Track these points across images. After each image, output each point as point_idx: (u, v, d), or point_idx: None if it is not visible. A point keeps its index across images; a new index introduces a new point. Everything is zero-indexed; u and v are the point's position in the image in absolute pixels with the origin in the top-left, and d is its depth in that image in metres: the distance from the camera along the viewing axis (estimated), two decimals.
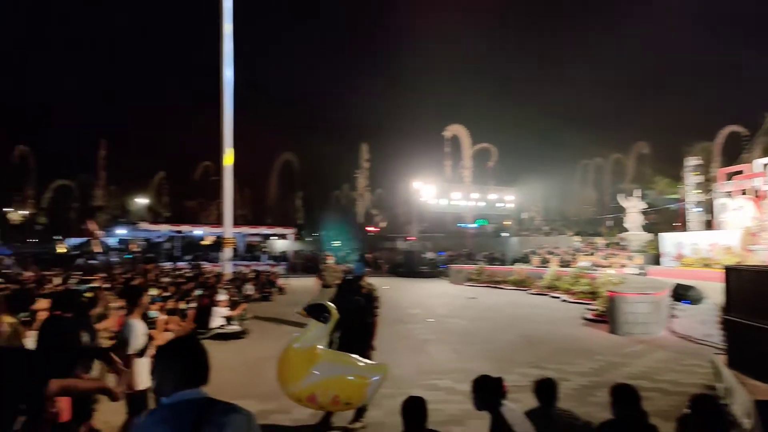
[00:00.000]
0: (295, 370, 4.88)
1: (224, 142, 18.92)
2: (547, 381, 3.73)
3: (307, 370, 4.82)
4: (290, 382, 4.88)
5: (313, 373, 4.81)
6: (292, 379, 4.88)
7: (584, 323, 12.30)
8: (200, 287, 14.07)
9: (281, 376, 4.98)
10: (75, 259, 26.49)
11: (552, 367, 7.82)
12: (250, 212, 52.72)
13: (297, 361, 4.91)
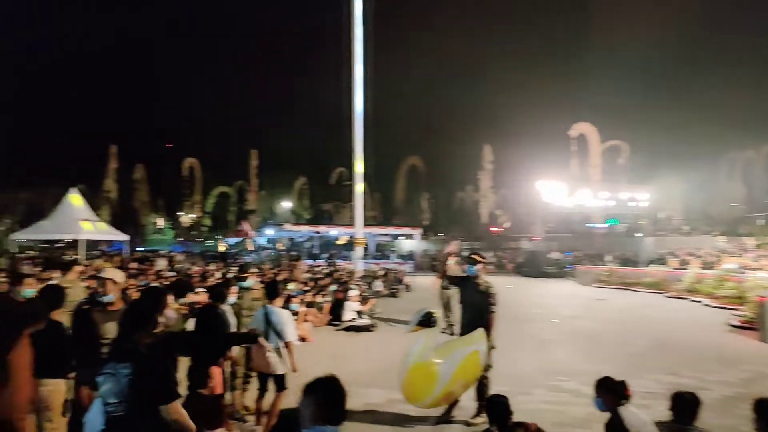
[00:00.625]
0: (423, 386, 5.09)
1: (355, 153, 20.44)
2: (690, 396, 3.40)
3: (435, 379, 5.09)
4: (422, 397, 5.20)
5: (441, 378, 5.10)
6: (423, 394, 5.17)
7: (730, 330, 11.49)
8: (335, 283, 15.58)
9: (410, 395, 5.17)
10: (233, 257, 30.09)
11: (690, 375, 7.49)
12: (380, 214, 55.12)
13: (422, 376, 5.09)
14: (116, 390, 2.56)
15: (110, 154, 47.16)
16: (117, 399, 2.55)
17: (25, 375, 3.43)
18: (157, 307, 3.39)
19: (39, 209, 47.57)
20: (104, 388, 2.60)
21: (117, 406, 2.55)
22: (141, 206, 49.25)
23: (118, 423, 2.56)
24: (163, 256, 26.24)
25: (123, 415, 2.55)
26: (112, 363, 2.64)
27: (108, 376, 2.61)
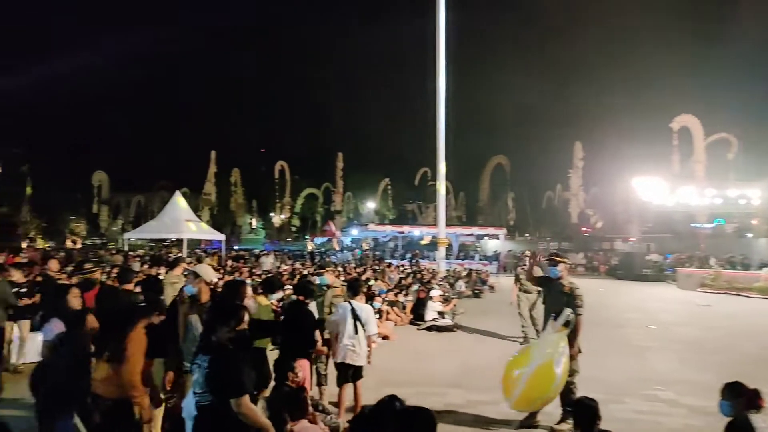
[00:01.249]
0: (545, 386, 5.14)
1: (438, 153, 20.36)
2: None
3: (553, 379, 5.07)
4: (539, 397, 5.22)
5: (557, 380, 5.07)
6: (541, 394, 5.19)
7: None
8: (417, 282, 15.65)
9: (528, 401, 5.24)
10: (321, 256, 31.12)
11: None
12: (463, 213, 54.53)
13: (546, 376, 5.11)
14: (200, 380, 2.75)
15: (210, 159, 50.57)
16: (201, 389, 2.73)
17: (139, 359, 3.82)
18: (237, 299, 3.61)
19: (148, 210, 52.33)
20: (193, 378, 2.80)
21: (202, 396, 2.73)
22: (237, 208, 52.31)
23: (204, 412, 2.74)
24: (267, 254, 27.49)
25: (208, 404, 2.73)
26: (200, 354, 2.83)
27: (195, 367, 2.81)
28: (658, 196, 28.81)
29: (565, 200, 46.93)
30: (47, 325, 4.31)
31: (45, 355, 4.09)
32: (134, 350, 3.85)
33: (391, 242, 39.49)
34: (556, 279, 5.86)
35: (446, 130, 20.62)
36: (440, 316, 11.90)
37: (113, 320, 4.14)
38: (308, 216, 55.59)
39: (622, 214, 35.73)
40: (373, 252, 35.06)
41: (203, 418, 2.75)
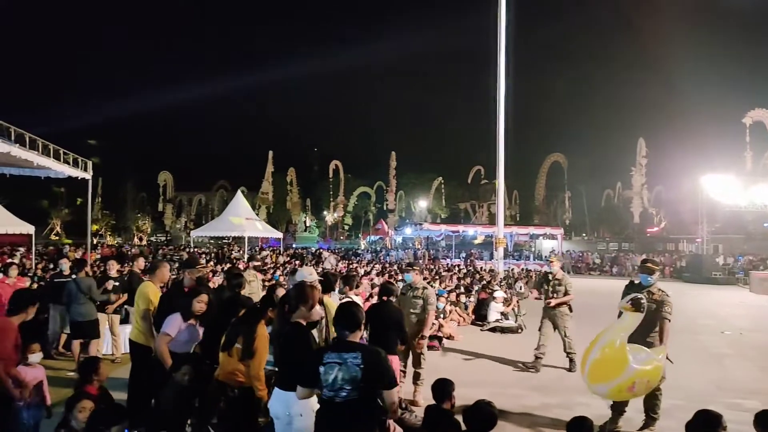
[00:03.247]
0: (616, 366, 4.90)
1: (498, 152, 20.12)
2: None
3: (626, 362, 4.87)
4: (610, 377, 4.97)
5: (632, 364, 4.86)
6: (613, 374, 4.95)
7: None
8: (477, 283, 15.58)
9: (596, 374, 5.02)
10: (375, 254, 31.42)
11: None
12: (517, 212, 53.61)
13: (618, 356, 4.90)
14: (347, 377, 2.88)
15: (268, 158, 52.06)
16: (350, 386, 2.87)
17: (264, 354, 4.07)
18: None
19: (208, 208, 54.45)
20: (332, 376, 2.90)
21: (351, 392, 2.87)
22: (292, 206, 53.55)
23: (350, 407, 2.89)
24: (332, 254, 28.00)
25: (353, 399, 2.88)
26: (335, 353, 2.96)
27: (334, 365, 2.91)
28: (729, 194, 27.26)
29: (627, 199, 45.34)
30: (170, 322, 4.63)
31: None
32: (260, 346, 4.08)
33: (443, 241, 39.30)
34: (647, 287, 5.63)
35: (504, 127, 20.39)
36: (503, 317, 11.83)
37: (230, 316, 4.42)
38: (361, 215, 56.19)
39: (688, 213, 34.08)
40: (427, 251, 35.03)
41: (348, 413, 2.89)
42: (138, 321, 5.24)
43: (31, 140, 7.79)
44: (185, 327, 4.63)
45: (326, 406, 2.96)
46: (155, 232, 54.05)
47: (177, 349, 4.60)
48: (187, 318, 4.64)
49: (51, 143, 8.26)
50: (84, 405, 3.68)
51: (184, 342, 4.65)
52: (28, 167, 8.73)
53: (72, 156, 9.17)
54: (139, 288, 5.44)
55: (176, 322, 4.61)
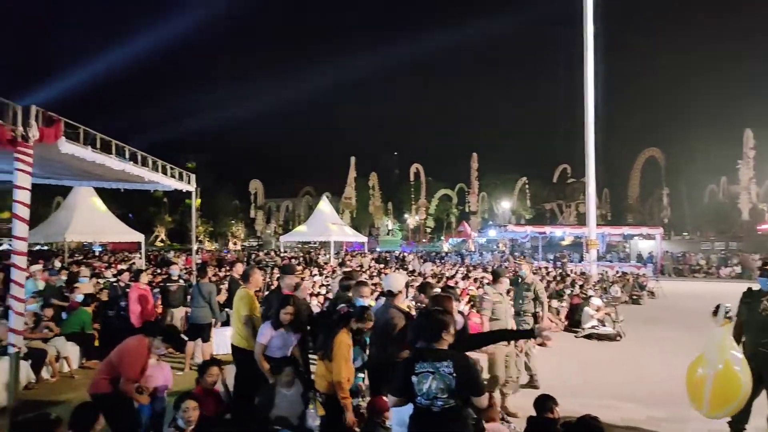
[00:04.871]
0: (732, 389, 4.65)
1: (587, 150, 19.24)
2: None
3: (739, 382, 4.61)
4: (730, 401, 4.71)
5: (743, 381, 4.59)
6: (731, 398, 4.69)
7: None
8: (570, 287, 14.94)
9: (719, 403, 4.73)
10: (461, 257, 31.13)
11: None
12: (610, 211, 50.83)
13: (730, 379, 4.65)
14: (442, 386, 2.89)
15: (350, 164, 53.33)
16: (445, 394, 2.89)
17: (342, 362, 4.18)
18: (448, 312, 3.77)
19: (294, 214, 56.67)
20: (425, 385, 2.91)
21: (447, 400, 2.89)
22: (375, 210, 54.40)
23: (448, 415, 2.91)
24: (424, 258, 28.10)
25: (451, 407, 2.89)
26: (427, 362, 2.97)
27: (427, 374, 2.92)
28: None
29: (733, 194, 41.58)
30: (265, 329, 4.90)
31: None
32: (338, 352, 4.21)
33: (528, 243, 38.12)
34: (765, 293, 5.15)
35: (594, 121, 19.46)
36: (599, 323, 11.25)
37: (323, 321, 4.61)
38: (443, 217, 55.93)
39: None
40: (512, 253, 34.16)
41: (446, 421, 2.91)
42: (240, 326, 5.48)
43: (142, 157, 8.52)
44: (276, 334, 4.89)
45: (422, 415, 2.96)
46: (248, 237, 57.04)
47: (273, 354, 4.86)
48: (276, 326, 4.87)
49: (159, 159, 9.01)
50: (188, 405, 3.93)
51: (277, 348, 4.91)
52: (139, 182, 9.53)
53: (177, 170, 9.93)
54: (238, 295, 5.72)
55: (267, 330, 4.88)
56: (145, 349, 4.59)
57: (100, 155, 6.78)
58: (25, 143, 5.19)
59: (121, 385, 4.33)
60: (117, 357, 4.53)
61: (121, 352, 4.57)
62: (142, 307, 8.25)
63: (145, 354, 4.57)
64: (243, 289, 5.79)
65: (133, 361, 4.44)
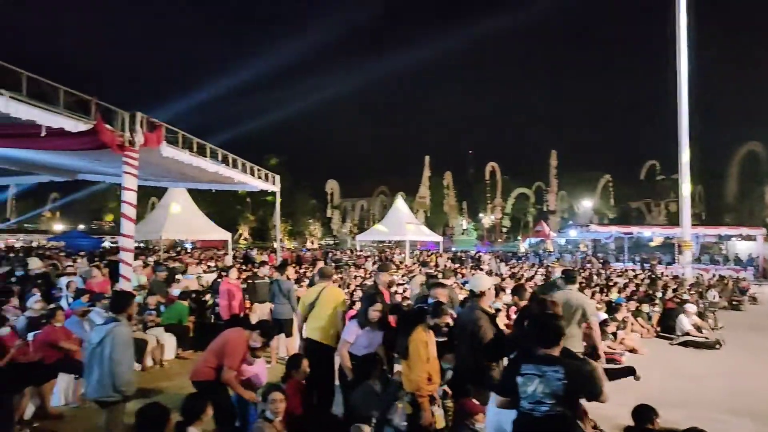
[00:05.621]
0: None
1: (680, 141, 17.98)
2: None
3: None
4: None
5: None
6: None
7: None
8: (661, 291, 14.04)
9: None
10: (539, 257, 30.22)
11: None
12: (702, 211, 47.26)
13: None
14: (548, 391, 2.83)
15: (425, 163, 53.34)
16: (551, 400, 2.82)
17: (418, 360, 4.18)
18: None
19: (369, 214, 57.45)
20: (530, 387, 2.86)
21: (552, 407, 2.82)
22: (449, 210, 53.98)
23: (551, 422, 2.84)
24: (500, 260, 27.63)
25: (557, 414, 2.82)
26: (533, 365, 2.91)
27: (533, 377, 2.87)
28: None
29: None
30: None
31: None
32: (414, 350, 4.20)
33: (612, 243, 36.23)
34: None
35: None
36: (696, 329, 10.47)
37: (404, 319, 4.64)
38: (519, 216, 54.50)
39: None
40: (594, 254, 32.65)
41: (549, 427, 2.85)
42: (327, 322, 5.47)
43: (232, 159, 9.00)
44: (363, 333, 4.91)
45: (525, 419, 2.90)
46: (324, 236, 58.50)
47: (358, 352, 4.92)
48: (363, 325, 4.91)
49: (247, 162, 9.49)
50: (276, 397, 4.08)
51: (363, 346, 4.94)
52: (229, 183, 10.07)
53: (263, 171, 10.41)
54: (327, 292, 5.70)
55: (353, 328, 4.93)
56: (245, 341, 4.84)
57: (197, 158, 7.24)
58: (132, 147, 5.63)
59: (223, 374, 4.58)
60: (219, 347, 4.79)
61: (223, 342, 4.82)
62: (230, 302, 8.69)
63: (244, 346, 4.81)
64: (332, 286, 5.92)
65: (234, 352, 4.69)
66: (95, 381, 4.25)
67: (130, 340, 4.49)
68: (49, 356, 6.06)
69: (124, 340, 4.31)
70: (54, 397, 6.11)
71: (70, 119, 5.26)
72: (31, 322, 7.24)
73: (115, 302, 4.74)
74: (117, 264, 6.92)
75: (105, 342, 4.22)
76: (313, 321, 5.53)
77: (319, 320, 5.51)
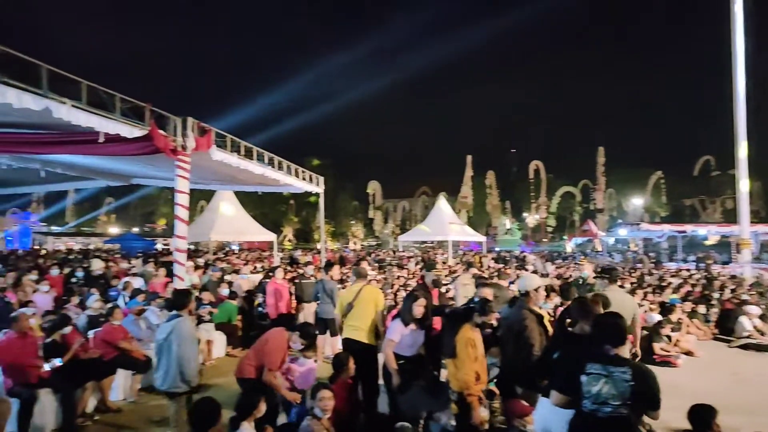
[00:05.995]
0: None
1: (738, 134, 17.13)
2: None
3: None
4: None
5: None
6: None
7: None
8: (718, 291, 13.41)
9: None
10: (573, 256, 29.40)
11: None
12: (762, 207, 44.87)
13: None
14: (615, 392, 2.76)
15: (466, 163, 52.91)
16: (617, 401, 2.75)
17: (465, 359, 4.15)
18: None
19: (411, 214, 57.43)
20: (596, 387, 2.79)
21: (617, 408, 2.74)
22: (492, 209, 53.31)
23: (615, 424, 2.76)
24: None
25: (621, 416, 2.74)
26: (599, 364, 2.83)
27: (599, 377, 2.79)
28: None
29: None
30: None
31: None
32: (461, 349, 4.17)
33: (665, 243, 34.83)
34: None
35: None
36: (758, 332, 9.94)
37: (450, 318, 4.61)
38: (565, 215, 53.23)
39: None
40: (646, 254, 31.49)
41: (611, 430, 2.79)
42: (368, 322, 5.48)
43: (278, 162, 9.19)
44: (408, 332, 4.88)
45: (586, 419, 2.82)
46: (366, 237, 58.87)
47: (403, 352, 4.90)
48: (407, 323, 4.88)
49: (292, 163, 9.67)
50: (324, 395, 4.11)
51: (408, 346, 4.91)
52: (274, 185, 10.28)
53: (307, 173, 10.59)
54: (366, 291, 5.69)
55: (398, 327, 4.90)
56: (286, 342, 4.92)
57: (245, 161, 7.43)
58: (184, 152, 5.82)
59: (264, 375, 4.68)
60: (261, 346, 4.92)
61: (264, 342, 4.96)
62: (277, 301, 8.88)
63: (285, 346, 4.90)
64: (371, 285, 5.93)
65: (274, 352, 4.78)
66: (164, 373, 4.56)
67: (194, 334, 4.80)
68: (108, 353, 6.36)
69: (188, 334, 4.62)
70: (113, 392, 6.42)
71: (126, 125, 5.48)
72: (91, 320, 7.62)
73: (175, 299, 5.04)
74: (171, 264, 7.22)
75: (171, 337, 4.52)
76: (353, 320, 5.52)
77: (359, 320, 5.50)
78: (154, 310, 8.05)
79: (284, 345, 4.91)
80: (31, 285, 9.45)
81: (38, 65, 4.58)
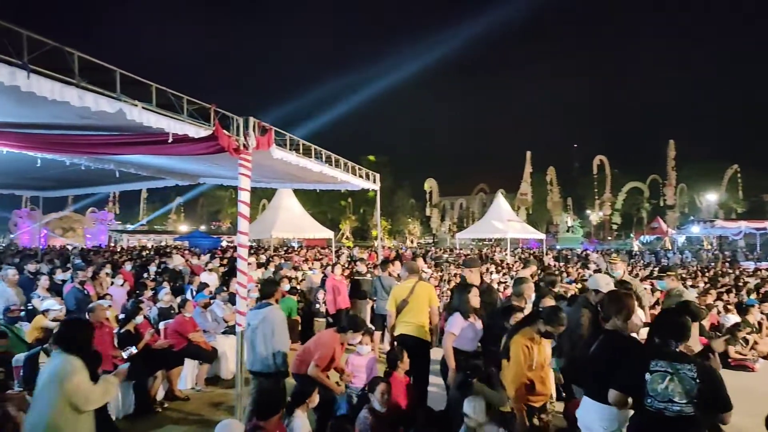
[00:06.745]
0: None
1: None
2: None
3: None
4: None
5: None
6: None
7: None
8: None
9: None
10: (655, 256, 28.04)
11: None
12: None
13: None
14: (681, 390, 2.65)
15: (526, 159, 51.71)
16: (684, 399, 2.63)
17: (515, 365, 3.98)
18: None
19: (468, 212, 56.79)
20: (661, 385, 2.68)
21: (684, 407, 2.63)
22: (553, 206, 51.79)
23: (683, 423, 2.65)
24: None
25: (688, 415, 2.62)
26: (664, 361, 2.73)
27: (665, 374, 2.69)
28: None
29: None
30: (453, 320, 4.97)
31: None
32: (515, 352, 3.98)
33: (742, 240, 32.62)
34: None
35: None
36: None
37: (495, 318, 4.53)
38: (632, 212, 50.90)
39: None
40: (722, 251, 29.61)
41: (679, 429, 2.67)
42: (422, 318, 5.49)
43: (335, 159, 9.32)
44: (467, 325, 4.86)
45: (652, 418, 2.70)
46: (423, 234, 58.74)
47: (463, 347, 4.83)
48: (465, 315, 4.86)
49: (349, 161, 9.77)
50: (383, 388, 4.21)
51: (470, 339, 4.86)
52: (332, 182, 10.44)
53: (364, 171, 10.67)
54: (420, 288, 5.67)
55: (458, 321, 4.87)
56: (337, 344, 5.01)
57: (303, 159, 7.59)
58: (246, 150, 6.00)
59: (309, 369, 4.77)
60: (313, 344, 5.09)
61: (316, 340, 5.16)
62: (335, 297, 9.03)
63: (335, 348, 4.98)
64: (423, 282, 5.91)
65: (324, 352, 4.88)
66: (257, 356, 4.99)
67: (284, 320, 5.21)
68: (178, 343, 6.69)
69: (280, 320, 5.08)
70: (181, 381, 6.75)
71: (193, 126, 5.71)
72: (162, 312, 8.03)
73: (264, 289, 5.62)
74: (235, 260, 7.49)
75: (264, 323, 4.97)
76: (407, 316, 5.51)
77: (414, 316, 5.49)
78: (219, 303, 8.38)
79: (334, 347, 4.99)
80: (107, 279, 10.08)
81: (112, 69, 4.84)
